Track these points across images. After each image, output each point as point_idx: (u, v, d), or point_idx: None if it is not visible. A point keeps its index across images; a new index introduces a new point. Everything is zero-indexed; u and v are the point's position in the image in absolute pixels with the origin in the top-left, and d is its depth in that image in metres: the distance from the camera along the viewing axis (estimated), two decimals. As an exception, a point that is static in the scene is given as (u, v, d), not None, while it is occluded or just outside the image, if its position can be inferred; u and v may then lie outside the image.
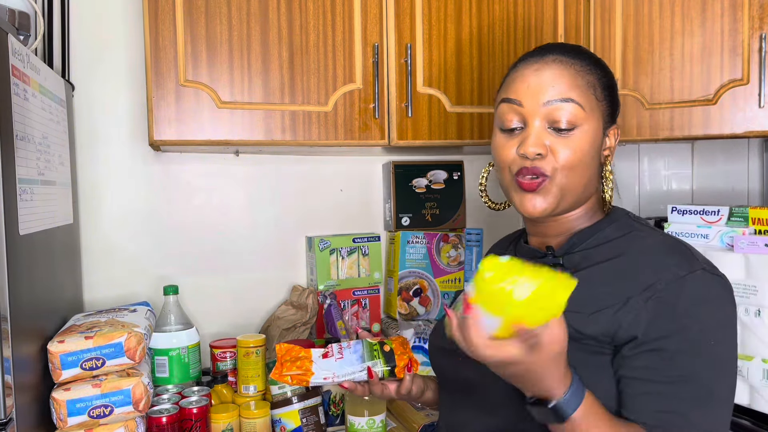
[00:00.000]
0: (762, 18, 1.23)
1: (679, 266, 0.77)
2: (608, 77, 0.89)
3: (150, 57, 1.19)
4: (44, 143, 1.10)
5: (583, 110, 0.83)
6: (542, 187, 0.84)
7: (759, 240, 1.21)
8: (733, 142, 1.77)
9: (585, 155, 0.83)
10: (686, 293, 0.75)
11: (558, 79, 0.84)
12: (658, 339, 0.74)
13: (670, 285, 0.75)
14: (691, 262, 0.78)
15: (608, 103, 0.88)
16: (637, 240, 0.83)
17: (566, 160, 0.82)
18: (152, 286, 1.52)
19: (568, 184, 0.84)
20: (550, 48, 0.88)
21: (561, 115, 0.83)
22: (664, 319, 0.75)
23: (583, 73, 0.85)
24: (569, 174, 0.83)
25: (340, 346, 0.99)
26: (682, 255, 0.79)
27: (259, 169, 1.62)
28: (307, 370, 0.95)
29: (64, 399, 1.03)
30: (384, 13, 1.32)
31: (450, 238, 1.69)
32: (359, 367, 0.95)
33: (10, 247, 0.89)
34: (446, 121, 1.38)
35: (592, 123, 0.84)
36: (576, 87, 0.84)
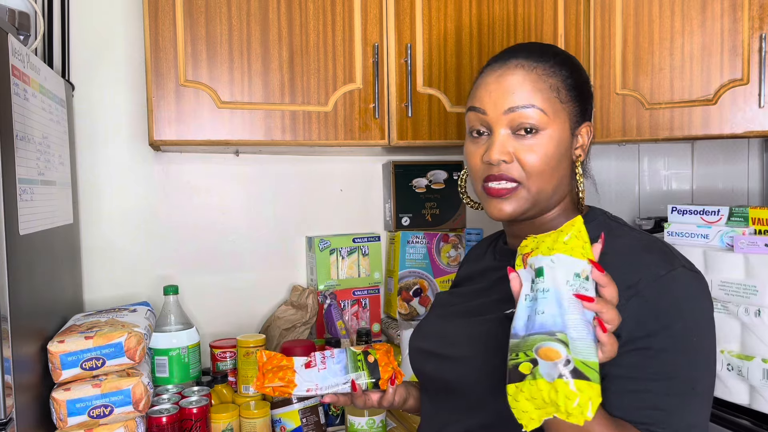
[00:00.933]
0: (762, 18, 1.23)
1: (659, 265, 0.78)
2: (575, 76, 0.88)
3: (150, 57, 1.19)
4: (44, 143, 1.10)
5: (545, 115, 0.84)
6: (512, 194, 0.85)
7: (759, 240, 1.21)
8: (733, 142, 1.77)
9: (551, 159, 0.84)
10: (668, 291, 0.76)
11: (519, 86, 0.85)
12: (642, 338, 0.75)
13: (651, 284, 0.76)
14: (671, 260, 0.79)
15: (576, 103, 0.87)
16: (615, 239, 0.83)
17: (532, 166, 0.84)
18: (152, 286, 1.52)
19: (538, 188, 0.85)
20: (515, 51, 0.89)
21: (524, 121, 0.84)
22: (647, 318, 0.75)
23: (545, 77, 0.85)
24: (537, 179, 0.84)
25: (323, 356, 0.96)
26: (661, 253, 0.80)
27: (259, 169, 1.62)
28: (289, 381, 0.92)
29: (64, 399, 1.03)
30: (384, 13, 1.32)
31: (450, 238, 1.69)
32: (342, 379, 0.92)
33: (10, 247, 0.89)
34: (446, 121, 1.38)
35: (556, 126, 0.85)
36: (538, 92, 0.84)
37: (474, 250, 1.09)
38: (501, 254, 0.96)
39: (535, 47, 0.89)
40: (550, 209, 0.89)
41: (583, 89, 0.89)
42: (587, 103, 0.90)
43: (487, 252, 1.01)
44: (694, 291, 0.78)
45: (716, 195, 1.83)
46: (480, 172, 0.87)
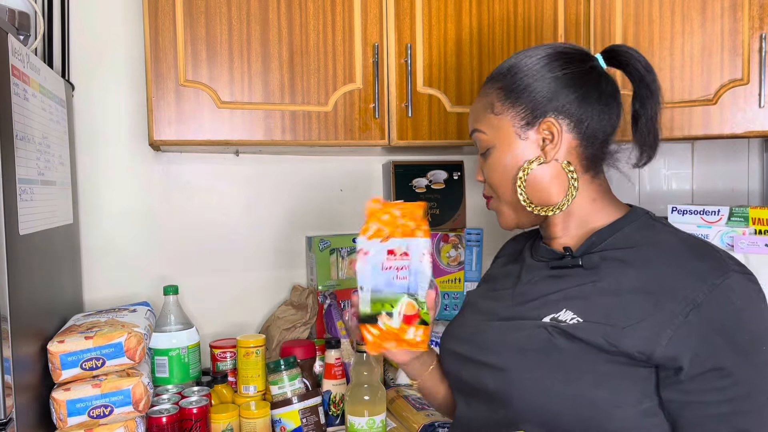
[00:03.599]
0: (762, 18, 1.23)
1: (712, 272, 0.74)
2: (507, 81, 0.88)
3: (150, 57, 1.19)
4: (44, 143, 1.10)
5: (485, 134, 0.90)
6: (491, 205, 0.95)
7: (759, 240, 1.21)
8: (733, 142, 1.77)
9: (505, 173, 0.89)
10: (726, 302, 0.73)
11: (471, 112, 0.95)
12: (709, 357, 0.72)
13: (708, 296, 0.72)
14: (722, 265, 0.75)
15: (519, 106, 0.87)
16: (661, 243, 0.81)
17: (492, 183, 0.91)
18: (152, 286, 1.52)
19: (506, 199, 0.91)
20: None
21: (477, 144, 0.93)
22: (710, 336, 0.72)
23: (481, 99, 0.92)
24: (500, 191, 0.91)
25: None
26: (713, 258, 0.76)
27: (259, 169, 1.62)
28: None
29: (64, 399, 1.03)
30: (384, 13, 1.32)
31: (450, 238, 1.69)
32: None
33: (10, 247, 0.89)
34: (446, 121, 1.38)
35: (500, 140, 0.88)
36: (477, 116, 0.92)
37: (511, 244, 1.09)
38: (536, 252, 0.94)
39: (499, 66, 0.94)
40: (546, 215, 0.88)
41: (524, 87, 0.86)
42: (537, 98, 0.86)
43: (524, 249, 0.99)
44: (751, 296, 0.75)
45: (716, 195, 1.83)
46: None
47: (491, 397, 0.85)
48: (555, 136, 0.85)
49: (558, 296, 0.83)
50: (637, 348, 0.73)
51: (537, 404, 0.78)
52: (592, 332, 0.76)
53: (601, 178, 0.89)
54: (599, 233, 0.85)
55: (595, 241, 0.85)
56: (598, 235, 0.85)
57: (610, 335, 0.75)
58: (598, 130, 0.87)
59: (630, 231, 0.84)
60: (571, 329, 0.78)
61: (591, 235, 0.86)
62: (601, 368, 0.75)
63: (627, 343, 0.74)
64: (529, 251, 0.97)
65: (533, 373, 0.79)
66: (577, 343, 0.77)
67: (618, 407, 0.74)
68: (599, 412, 0.74)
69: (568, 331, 0.78)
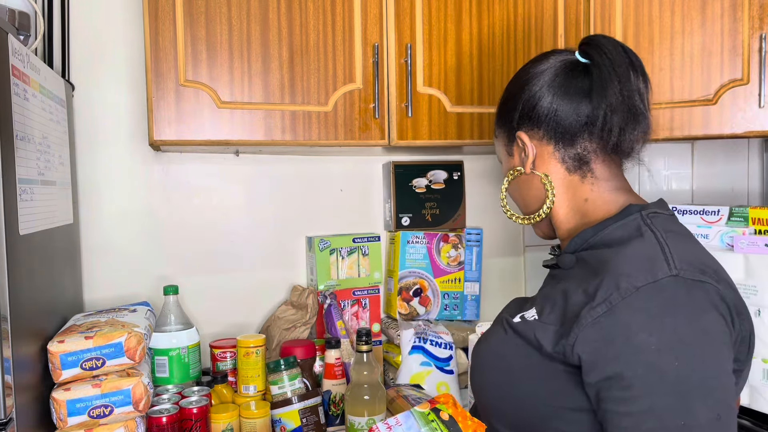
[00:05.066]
0: (762, 18, 1.23)
1: (642, 275, 0.69)
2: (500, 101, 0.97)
3: (150, 57, 1.19)
4: (44, 143, 1.10)
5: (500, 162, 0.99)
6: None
7: (759, 240, 1.21)
8: (733, 142, 1.77)
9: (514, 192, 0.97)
10: (642, 305, 0.67)
11: None
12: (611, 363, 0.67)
13: (625, 299, 0.68)
14: (658, 269, 0.69)
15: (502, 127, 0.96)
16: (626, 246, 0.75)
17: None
18: (152, 286, 1.52)
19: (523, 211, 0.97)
20: None
21: None
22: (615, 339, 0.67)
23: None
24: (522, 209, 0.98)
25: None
26: (651, 262, 0.70)
27: (259, 169, 1.62)
28: None
29: (64, 399, 1.03)
30: (384, 13, 1.32)
31: (450, 238, 1.69)
32: None
33: (10, 247, 0.89)
34: (446, 121, 1.38)
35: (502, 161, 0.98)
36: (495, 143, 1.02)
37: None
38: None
39: None
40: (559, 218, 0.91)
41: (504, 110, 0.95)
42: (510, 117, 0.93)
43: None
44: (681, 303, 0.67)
45: (716, 195, 1.83)
46: None
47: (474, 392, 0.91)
48: (527, 147, 0.90)
49: (537, 296, 0.86)
50: (552, 347, 0.75)
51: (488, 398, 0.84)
52: (530, 329, 0.79)
53: (596, 177, 0.86)
54: (582, 234, 0.83)
55: (579, 241, 0.83)
56: (582, 235, 0.83)
57: (538, 332, 0.77)
58: (570, 127, 0.84)
59: (610, 231, 0.80)
60: (519, 326, 0.81)
61: (577, 235, 0.84)
62: (534, 365, 0.77)
63: (546, 341, 0.76)
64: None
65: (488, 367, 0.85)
66: (521, 340, 0.80)
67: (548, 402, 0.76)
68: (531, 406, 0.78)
69: (516, 328, 0.82)
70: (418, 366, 1.50)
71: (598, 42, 0.85)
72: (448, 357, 1.52)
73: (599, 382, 0.69)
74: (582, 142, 0.86)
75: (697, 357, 0.66)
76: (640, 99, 0.83)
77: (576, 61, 0.87)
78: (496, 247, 1.86)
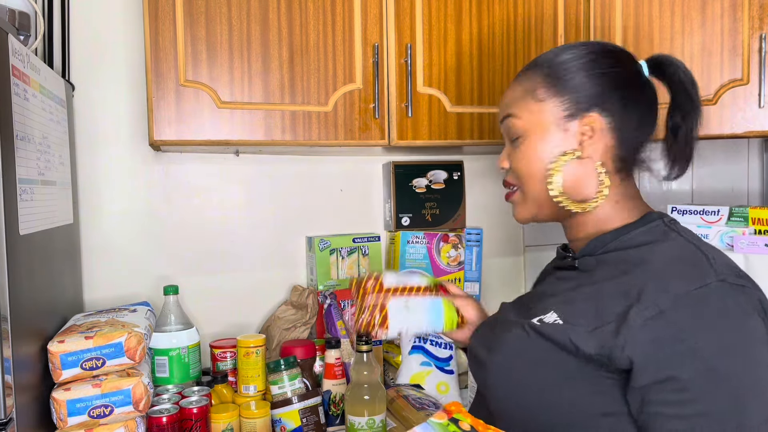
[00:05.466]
0: (762, 18, 1.23)
1: (688, 280, 0.70)
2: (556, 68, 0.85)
3: (150, 57, 1.19)
4: (44, 143, 1.10)
5: (521, 120, 0.86)
6: (514, 196, 0.91)
7: (759, 240, 1.22)
8: (733, 142, 1.77)
9: (537, 162, 0.85)
10: (695, 312, 0.68)
11: (504, 97, 0.91)
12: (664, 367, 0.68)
13: (675, 303, 0.69)
14: (705, 274, 0.71)
15: (563, 95, 0.84)
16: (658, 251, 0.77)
17: (520, 171, 0.88)
18: (152, 286, 1.52)
19: (533, 192, 0.87)
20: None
21: (507, 130, 0.89)
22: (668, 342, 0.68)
23: (522, 82, 0.88)
24: (527, 183, 0.87)
25: None
26: (696, 267, 0.72)
27: (259, 169, 1.62)
28: None
29: (64, 399, 1.03)
30: (384, 13, 1.32)
31: (450, 238, 1.69)
32: None
33: (10, 247, 0.89)
34: (446, 121, 1.38)
35: (538, 128, 0.85)
36: (513, 100, 0.88)
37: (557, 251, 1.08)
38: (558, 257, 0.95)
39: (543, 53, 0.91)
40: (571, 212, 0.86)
41: (577, 76, 0.84)
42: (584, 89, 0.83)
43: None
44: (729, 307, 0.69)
45: (716, 195, 1.83)
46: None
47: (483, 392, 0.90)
48: (595, 132, 0.83)
49: (552, 298, 0.84)
50: (594, 350, 0.73)
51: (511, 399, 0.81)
52: (561, 333, 0.77)
53: (628, 182, 0.87)
54: (603, 236, 0.84)
55: (598, 244, 0.84)
56: (602, 239, 0.84)
57: (574, 336, 0.76)
58: (634, 135, 0.85)
59: (633, 236, 0.82)
60: (545, 329, 0.80)
61: (598, 237, 0.84)
62: (566, 367, 0.76)
63: (588, 345, 0.74)
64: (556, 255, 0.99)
65: (509, 371, 0.82)
66: (549, 343, 0.78)
67: (581, 407, 0.76)
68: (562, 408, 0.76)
69: (542, 331, 0.80)
70: (418, 366, 1.50)
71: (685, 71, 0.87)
72: (448, 357, 1.52)
73: (650, 385, 0.70)
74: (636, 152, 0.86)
75: (748, 360, 0.68)
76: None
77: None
78: (496, 247, 1.86)
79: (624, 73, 0.86)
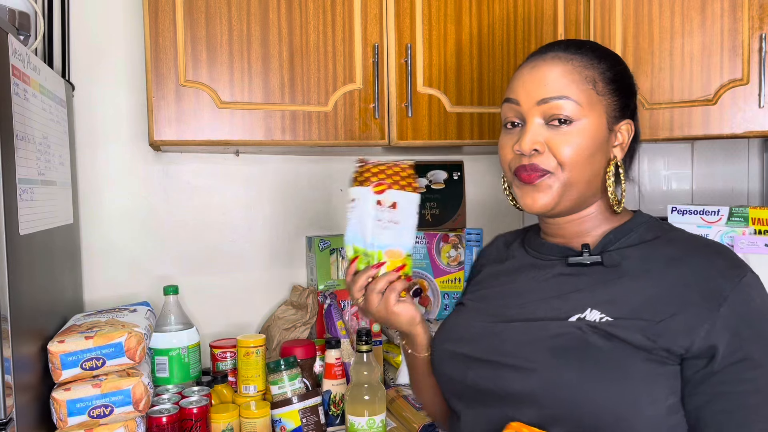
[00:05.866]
0: (762, 18, 1.23)
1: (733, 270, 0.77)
2: (615, 69, 0.87)
3: (150, 57, 1.19)
4: (44, 143, 1.10)
5: (579, 106, 0.82)
6: (542, 180, 0.83)
7: (759, 240, 1.22)
8: (733, 142, 1.77)
9: (585, 150, 0.83)
10: (748, 297, 0.76)
11: (553, 76, 0.84)
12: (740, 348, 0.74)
13: (734, 290, 0.75)
14: (739, 263, 0.78)
15: (615, 97, 0.86)
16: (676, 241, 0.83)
17: (565, 156, 0.82)
18: (152, 286, 1.52)
19: (570, 180, 0.83)
20: (553, 45, 0.88)
21: (557, 111, 0.82)
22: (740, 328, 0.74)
23: (581, 68, 0.84)
24: (570, 170, 0.82)
25: None
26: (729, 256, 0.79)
27: (259, 169, 1.62)
28: None
29: (64, 399, 1.03)
30: (384, 13, 1.32)
31: (450, 238, 1.69)
32: None
33: (10, 247, 0.89)
34: (446, 121, 1.38)
35: (592, 118, 0.83)
36: (572, 83, 0.83)
37: (491, 251, 1.04)
38: (538, 249, 0.92)
39: (572, 41, 0.89)
40: (581, 206, 0.86)
41: (624, 84, 0.87)
42: (628, 98, 0.88)
43: (514, 247, 0.98)
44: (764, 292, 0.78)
45: (716, 195, 1.83)
46: (512, 163, 0.86)
47: (515, 399, 0.81)
48: (627, 138, 0.87)
49: (580, 295, 0.82)
50: (676, 341, 0.74)
51: (573, 404, 0.76)
52: (628, 330, 0.76)
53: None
54: (614, 232, 0.86)
55: (612, 239, 0.86)
56: (615, 234, 0.86)
57: (647, 331, 0.75)
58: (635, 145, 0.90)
59: (642, 231, 0.86)
60: (607, 327, 0.77)
61: (608, 234, 0.86)
62: (638, 366, 0.75)
63: (666, 336, 0.74)
64: (523, 249, 0.95)
65: (569, 372, 0.77)
66: (614, 342, 0.76)
67: (653, 405, 0.75)
68: (636, 409, 0.74)
69: (605, 329, 0.77)
70: (418, 366, 1.50)
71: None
72: (448, 357, 1.52)
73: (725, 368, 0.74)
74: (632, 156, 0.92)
75: None
76: None
77: None
78: (496, 247, 1.85)
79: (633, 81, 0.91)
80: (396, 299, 0.93)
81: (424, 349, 0.97)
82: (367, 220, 0.92)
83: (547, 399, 0.77)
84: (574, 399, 0.76)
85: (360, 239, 0.93)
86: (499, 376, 0.82)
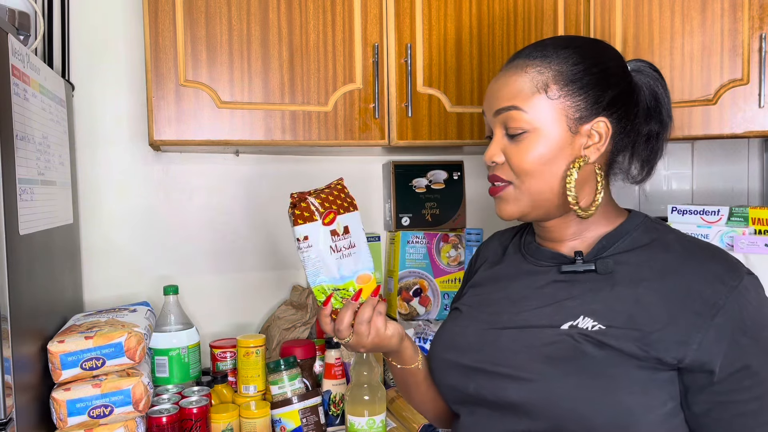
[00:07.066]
0: (762, 18, 1.23)
1: (729, 274, 0.76)
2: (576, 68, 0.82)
3: (150, 57, 1.19)
4: (44, 143, 1.10)
5: (527, 115, 0.81)
6: (504, 192, 0.85)
7: (759, 240, 1.22)
8: (733, 142, 1.77)
9: (539, 159, 0.81)
10: (745, 303, 0.74)
11: (504, 87, 0.84)
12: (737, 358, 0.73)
13: (729, 297, 0.74)
14: (736, 267, 0.77)
15: (578, 97, 0.81)
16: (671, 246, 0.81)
17: (518, 166, 0.83)
18: (152, 286, 1.52)
19: (531, 188, 0.83)
20: (522, 51, 0.87)
21: (509, 122, 0.83)
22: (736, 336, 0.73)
23: (534, 74, 0.82)
24: (527, 179, 0.83)
25: None
26: (725, 260, 0.78)
27: (259, 169, 1.62)
28: None
29: (64, 399, 1.03)
30: (384, 13, 1.32)
31: (450, 238, 1.69)
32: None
33: (10, 247, 0.89)
34: (446, 121, 1.38)
35: (547, 127, 0.81)
36: (516, 92, 0.83)
37: (489, 249, 1.03)
38: (533, 254, 0.91)
39: (540, 43, 0.86)
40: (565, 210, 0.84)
41: (592, 79, 0.82)
42: (602, 92, 0.82)
43: (510, 250, 0.96)
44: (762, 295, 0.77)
45: (716, 195, 1.83)
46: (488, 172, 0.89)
47: (514, 408, 0.80)
48: (603, 137, 0.82)
49: (573, 303, 0.81)
50: (669, 353, 0.74)
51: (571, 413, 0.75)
52: (621, 338, 0.75)
53: (609, 185, 0.88)
54: (608, 237, 0.84)
55: (605, 245, 0.84)
56: (608, 239, 0.84)
57: (639, 341, 0.74)
58: (626, 140, 0.85)
59: (637, 235, 0.84)
60: (599, 336, 0.76)
61: (601, 239, 0.84)
62: (632, 374, 0.74)
63: (659, 347, 0.74)
64: (519, 253, 0.94)
65: (564, 382, 0.76)
66: (607, 350, 0.75)
67: (650, 412, 0.74)
68: (633, 417, 0.74)
69: (597, 338, 0.76)
70: (418, 366, 1.50)
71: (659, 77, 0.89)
72: (448, 357, 1.52)
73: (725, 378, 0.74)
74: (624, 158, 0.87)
75: None
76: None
77: None
78: (496, 247, 1.85)
79: (626, 77, 0.85)
80: (384, 322, 0.90)
81: (414, 359, 0.96)
82: (326, 256, 0.89)
83: (544, 409, 0.78)
84: (570, 409, 0.76)
85: (325, 277, 0.90)
86: (497, 386, 0.82)
